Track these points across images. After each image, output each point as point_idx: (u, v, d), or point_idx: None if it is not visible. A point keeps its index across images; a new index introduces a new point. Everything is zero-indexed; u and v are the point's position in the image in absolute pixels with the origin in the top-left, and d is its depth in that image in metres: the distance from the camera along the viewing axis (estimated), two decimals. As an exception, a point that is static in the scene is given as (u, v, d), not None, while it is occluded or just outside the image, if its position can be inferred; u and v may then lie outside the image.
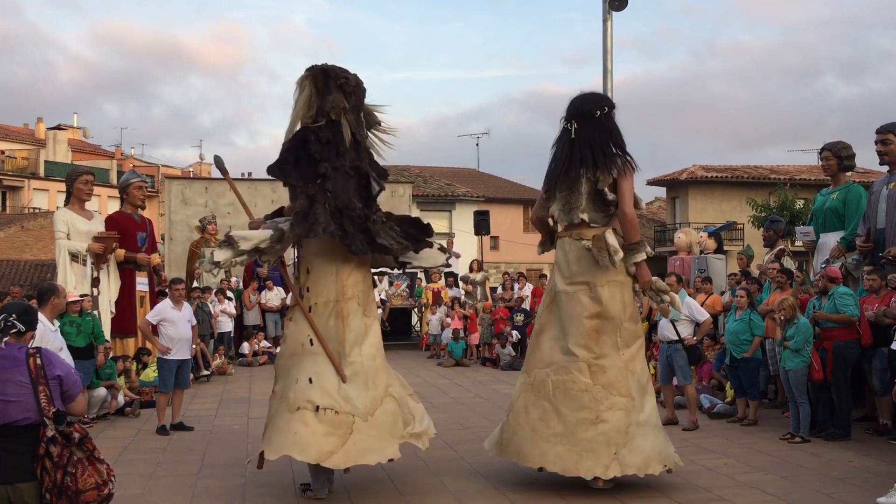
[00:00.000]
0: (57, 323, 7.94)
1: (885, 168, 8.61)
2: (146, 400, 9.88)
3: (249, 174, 39.37)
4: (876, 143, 8.47)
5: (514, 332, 14.49)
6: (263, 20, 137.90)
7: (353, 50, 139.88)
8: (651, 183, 39.20)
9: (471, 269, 17.69)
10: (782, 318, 7.90)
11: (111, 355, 9.73)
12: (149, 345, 10.11)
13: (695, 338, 8.68)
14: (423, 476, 6.33)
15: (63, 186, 10.97)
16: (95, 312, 9.49)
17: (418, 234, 6.17)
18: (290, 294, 6.31)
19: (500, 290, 16.80)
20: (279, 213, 6.25)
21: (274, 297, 15.44)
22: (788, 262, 10.19)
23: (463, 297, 16.49)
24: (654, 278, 6.15)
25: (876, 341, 7.73)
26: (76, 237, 10.07)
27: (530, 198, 39.86)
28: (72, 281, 9.71)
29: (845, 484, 6.16)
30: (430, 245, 6.25)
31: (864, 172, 31.27)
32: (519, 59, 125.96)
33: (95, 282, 9.98)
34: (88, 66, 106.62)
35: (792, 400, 7.90)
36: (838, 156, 9.04)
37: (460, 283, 17.41)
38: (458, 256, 19.54)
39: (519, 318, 14.88)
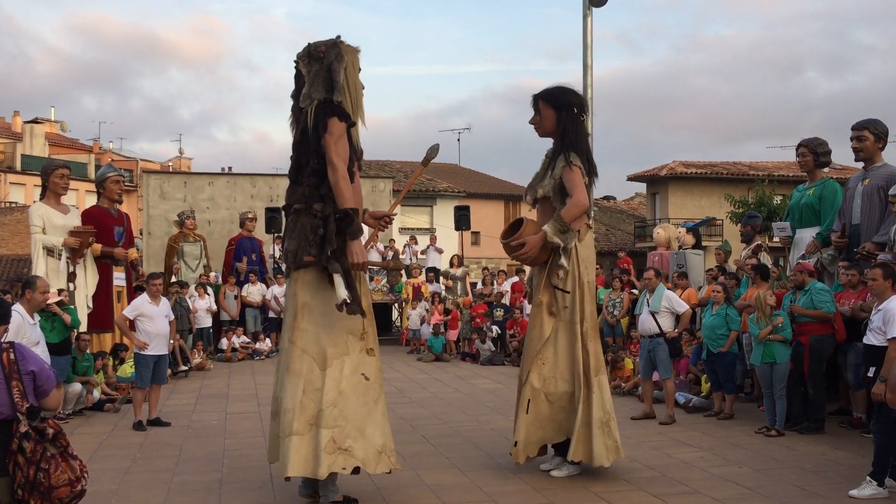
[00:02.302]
0: (38, 317, 7.88)
1: (861, 164, 8.69)
2: (124, 395, 9.82)
3: (230, 168, 39.25)
4: (851, 139, 8.54)
5: (495, 328, 14.52)
6: (243, 13, 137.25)
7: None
8: (631, 178, 39.45)
9: (451, 265, 17.71)
10: (769, 300, 7.94)
11: (88, 349, 9.67)
12: (126, 340, 10.04)
13: (675, 330, 8.74)
14: (400, 470, 6.32)
15: (40, 181, 10.88)
16: (72, 306, 9.41)
17: None
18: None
19: (479, 286, 16.84)
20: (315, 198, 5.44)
21: (256, 291, 15.37)
22: (765, 258, 10.27)
23: (443, 293, 16.51)
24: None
25: (851, 336, 7.80)
26: (52, 231, 9.99)
27: (511, 193, 39.97)
28: (44, 275, 9.62)
29: (819, 477, 6.22)
30: None
31: (841, 168, 31.58)
32: (501, 54, 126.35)
33: (71, 276, 9.91)
34: (65, 58, 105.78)
35: (768, 394, 7.97)
36: (814, 152, 9.12)
37: (441, 279, 17.44)
38: (440, 251, 19.62)
39: (499, 313, 14.91)
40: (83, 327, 9.64)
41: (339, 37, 5.56)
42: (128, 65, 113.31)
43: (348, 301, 5.17)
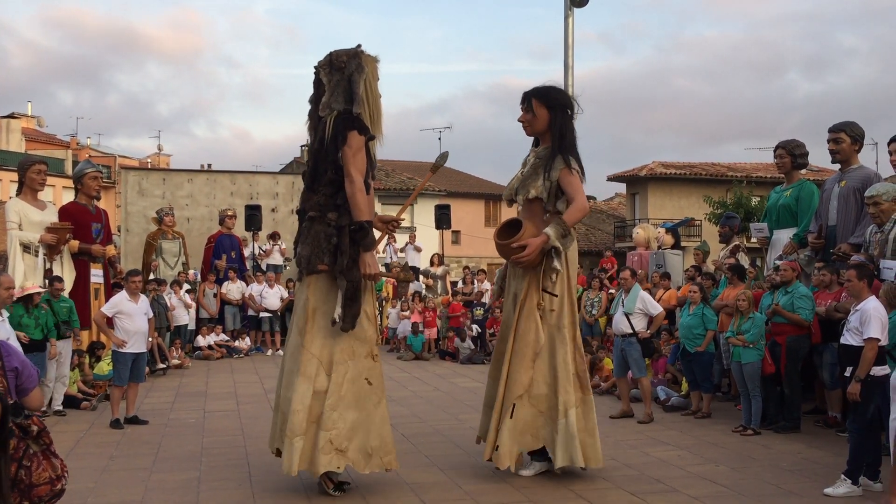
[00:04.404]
0: (6, 313, 7.81)
1: (837, 166, 8.78)
2: (101, 393, 9.75)
3: (209, 165, 39.04)
4: (828, 141, 8.63)
5: (475, 326, 14.55)
6: (223, 8, 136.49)
7: (315, 41, 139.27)
8: (611, 179, 39.64)
9: (431, 263, 17.73)
10: (742, 304, 8.02)
11: (79, 345, 9.66)
12: (103, 338, 9.97)
13: (648, 331, 8.80)
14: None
15: (16, 176, 10.77)
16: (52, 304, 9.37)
17: None
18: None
19: (460, 285, 16.86)
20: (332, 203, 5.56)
21: (235, 289, 15.30)
22: (743, 258, 10.37)
23: (424, 291, 16.53)
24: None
25: (827, 336, 7.88)
26: (29, 228, 9.90)
27: (492, 192, 40.02)
28: (21, 271, 9.54)
29: (794, 475, 6.29)
30: None
31: (818, 170, 31.91)
32: (483, 54, 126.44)
33: (48, 273, 9.81)
34: (41, 52, 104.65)
35: (744, 393, 8.05)
36: (792, 154, 9.21)
37: (421, 277, 17.45)
38: (419, 250, 19.62)
39: (479, 311, 14.95)
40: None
41: (359, 46, 5.65)
42: (105, 59, 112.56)
43: (336, 320, 5.42)
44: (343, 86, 5.51)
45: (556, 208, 6.01)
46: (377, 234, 6.19)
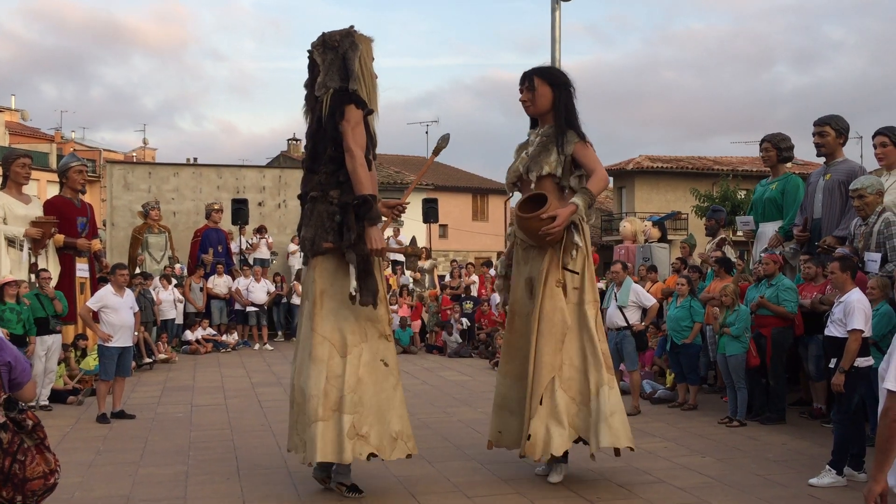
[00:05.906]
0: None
1: (822, 159, 8.83)
2: (87, 388, 9.71)
3: (195, 159, 38.86)
4: (813, 135, 8.67)
5: (464, 320, 14.56)
6: (208, 0, 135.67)
7: (301, 34, 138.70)
8: (598, 172, 39.70)
9: (419, 258, 17.71)
10: (725, 300, 8.07)
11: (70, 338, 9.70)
12: (88, 332, 9.92)
13: (642, 323, 8.83)
14: (368, 462, 6.32)
15: (0, 170, 10.69)
16: (59, 291, 9.40)
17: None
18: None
19: (448, 278, 16.87)
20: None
21: (221, 283, 15.26)
22: (729, 251, 10.42)
23: (411, 285, 16.53)
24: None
25: (812, 328, 7.93)
26: (13, 222, 9.83)
27: (479, 186, 40.10)
28: (7, 266, 9.48)
29: (780, 466, 6.34)
30: None
31: (803, 164, 32.09)
32: (469, 47, 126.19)
33: (33, 268, 9.75)
34: (23, 44, 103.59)
35: (730, 385, 8.10)
36: (777, 147, 9.26)
37: (408, 272, 17.45)
38: (401, 244, 19.59)
39: (468, 305, 14.96)
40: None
41: (352, 26, 5.57)
42: (89, 52, 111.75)
43: (353, 294, 5.24)
44: (338, 64, 5.40)
45: (569, 184, 5.89)
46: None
